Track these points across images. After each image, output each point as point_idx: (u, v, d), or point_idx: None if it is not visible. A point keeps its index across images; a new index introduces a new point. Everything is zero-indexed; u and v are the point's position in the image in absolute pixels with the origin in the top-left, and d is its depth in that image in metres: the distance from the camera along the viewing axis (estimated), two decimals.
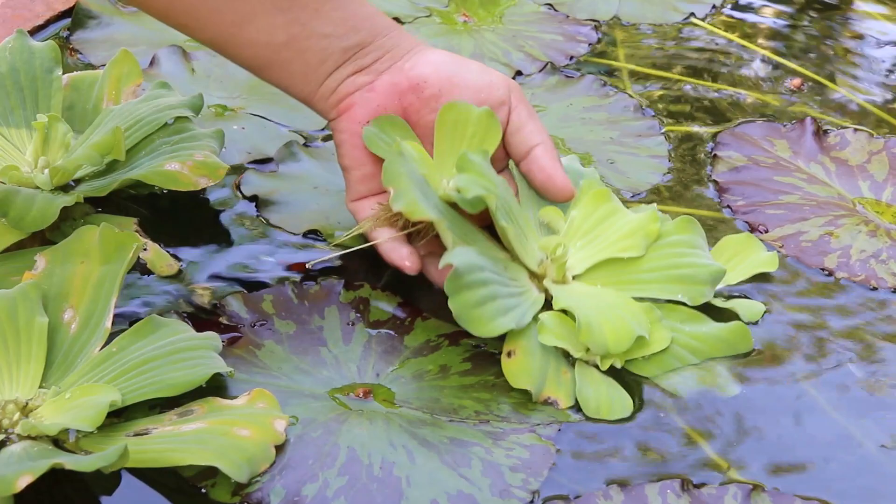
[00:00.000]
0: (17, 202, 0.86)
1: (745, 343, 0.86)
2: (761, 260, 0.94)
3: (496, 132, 0.88)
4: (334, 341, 0.84)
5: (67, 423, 0.71)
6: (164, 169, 0.90)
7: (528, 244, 0.87)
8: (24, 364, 0.76)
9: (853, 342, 0.89)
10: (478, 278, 0.79)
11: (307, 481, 0.73)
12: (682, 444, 0.79)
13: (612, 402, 0.81)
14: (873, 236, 0.99)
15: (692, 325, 0.86)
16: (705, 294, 0.87)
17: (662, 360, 0.85)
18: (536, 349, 0.82)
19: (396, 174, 0.83)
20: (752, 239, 0.95)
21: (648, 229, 0.89)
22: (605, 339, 0.82)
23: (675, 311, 0.87)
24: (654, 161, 1.07)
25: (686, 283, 0.87)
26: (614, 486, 0.75)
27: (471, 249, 0.81)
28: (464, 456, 0.75)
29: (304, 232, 0.94)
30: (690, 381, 0.84)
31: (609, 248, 0.89)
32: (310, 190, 0.98)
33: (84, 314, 0.79)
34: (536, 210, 0.90)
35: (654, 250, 0.89)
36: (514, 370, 0.81)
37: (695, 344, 0.86)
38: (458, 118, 0.87)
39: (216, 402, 0.76)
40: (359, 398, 0.80)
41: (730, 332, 0.86)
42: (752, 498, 0.74)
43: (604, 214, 0.90)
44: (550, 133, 1.08)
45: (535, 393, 0.80)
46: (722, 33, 1.28)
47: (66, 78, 0.98)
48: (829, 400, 0.84)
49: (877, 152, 1.10)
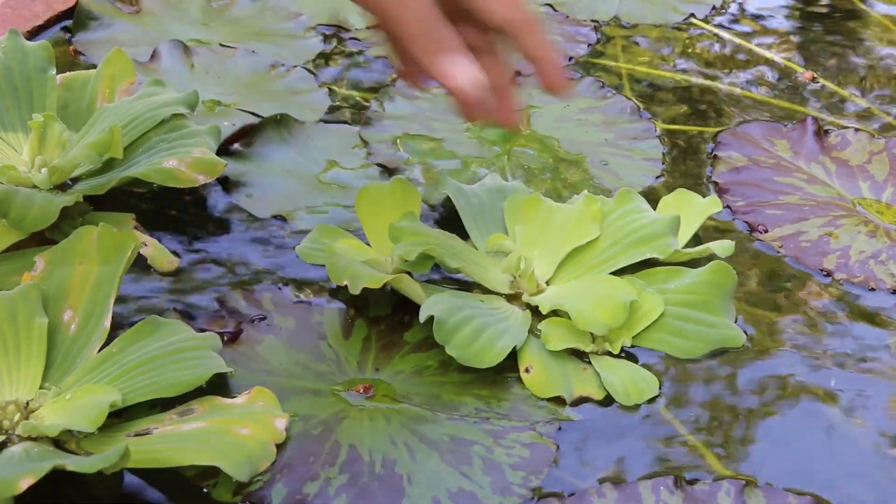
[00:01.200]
0: (17, 202, 0.86)
1: (729, 277, 0.88)
2: (704, 205, 0.95)
3: (413, 194, 0.91)
4: (334, 336, 0.84)
5: (68, 424, 0.71)
6: (162, 166, 0.90)
7: (490, 273, 0.88)
8: (25, 365, 0.76)
9: (849, 339, 0.89)
10: (460, 317, 0.81)
11: (308, 479, 0.73)
12: (675, 441, 0.79)
13: (638, 384, 0.82)
14: (873, 237, 0.99)
15: (675, 282, 0.88)
16: (670, 243, 0.89)
17: (665, 323, 0.86)
18: (549, 358, 0.83)
19: (340, 269, 0.84)
20: (685, 192, 0.97)
21: (592, 211, 0.91)
22: (600, 318, 0.83)
23: (654, 274, 0.89)
24: (647, 164, 1.07)
25: (648, 242, 0.89)
26: (608, 483, 0.75)
27: (443, 296, 0.83)
28: (464, 454, 0.75)
29: (270, 216, 0.95)
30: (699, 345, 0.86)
31: (565, 242, 0.91)
32: (280, 173, 0.99)
33: (83, 314, 0.79)
34: (483, 241, 0.91)
35: (606, 228, 0.91)
36: (537, 384, 0.81)
37: (686, 297, 0.87)
38: (373, 197, 0.91)
39: (216, 401, 0.76)
40: (359, 394, 0.80)
41: (711, 271, 0.88)
42: (745, 494, 0.75)
43: (544, 217, 0.92)
44: (545, 134, 1.09)
45: (567, 397, 0.81)
46: (722, 33, 1.28)
47: (59, 78, 0.98)
48: (823, 396, 0.84)
49: (878, 153, 1.10)
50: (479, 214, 0.93)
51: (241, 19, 1.21)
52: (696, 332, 0.86)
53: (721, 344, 0.86)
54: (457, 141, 1.07)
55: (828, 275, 0.95)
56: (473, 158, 1.05)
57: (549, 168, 1.05)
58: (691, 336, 0.86)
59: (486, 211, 0.93)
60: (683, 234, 0.92)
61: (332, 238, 0.90)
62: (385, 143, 1.06)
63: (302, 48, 1.19)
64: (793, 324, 0.90)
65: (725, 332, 0.86)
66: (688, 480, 0.75)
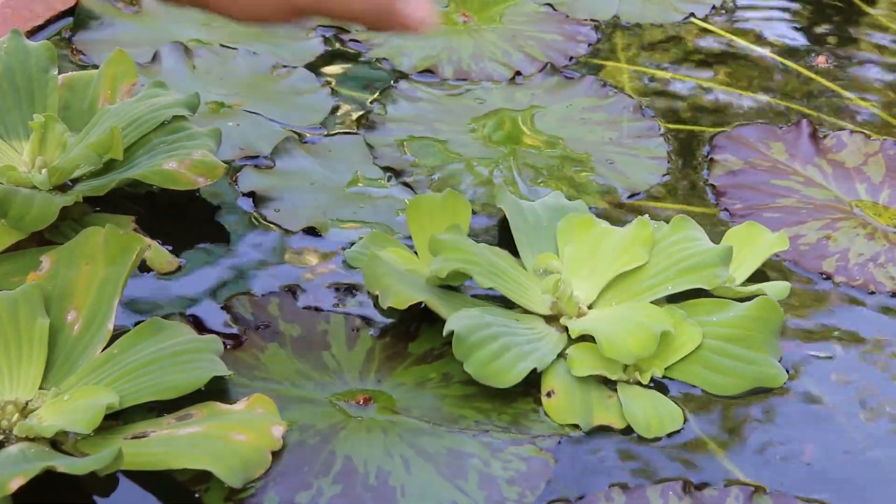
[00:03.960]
0: (16, 202, 0.86)
1: (776, 315, 0.84)
2: (770, 242, 0.92)
3: (464, 206, 0.90)
4: (338, 346, 0.84)
5: (64, 425, 0.71)
6: (163, 168, 0.90)
7: (531, 293, 0.87)
8: (25, 365, 0.76)
9: (855, 345, 0.89)
10: (484, 335, 0.80)
11: (301, 488, 0.73)
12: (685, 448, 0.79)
13: (660, 416, 0.80)
14: (871, 239, 0.99)
15: (719, 314, 0.85)
16: (719, 275, 0.86)
17: (702, 356, 0.83)
18: (574, 384, 0.81)
19: (376, 277, 0.84)
20: (755, 226, 0.94)
21: (643, 236, 0.89)
22: (628, 346, 0.81)
23: (699, 305, 0.86)
24: (653, 162, 1.07)
25: (697, 271, 0.87)
26: (616, 488, 0.75)
27: (470, 312, 0.81)
28: (461, 467, 0.75)
29: (301, 229, 0.94)
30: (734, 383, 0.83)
31: (612, 266, 0.88)
32: (307, 186, 0.99)
33: (87, 315, 0.79)
34: (532, 259, 0.90)
35: (657, 255, 0.88)
36: (556, 408, 0.80)
37: (727, 331, 0.84)
38: (424, 208, 0.90)
39: (215, 406, 0.76)
40: (359, 405, 0.79)
41: (758, 307, 0.84)
42: (754, 500, 0.75)
43: (595, 239, 0.90)
44: (549, 133, 1.09)
45: (584, 425, 0.79)
46: (722, 33, 1.28)
47: (61, 78, 0.98)
48: (833, 403, 0.83)
49: (873, 154, 1.09)
50: (534, 231, 0.91)
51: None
52: (734, 368, 0.83)
53: (759, 383, 0.83)
54: (462, 142, 1.07)
55: (827, 278, 0.95)
56: (479, 159, 1.05)
57: (555, 168, 1.05)
58: (728, 372, 0.83)
59: (542, 228, 0.92)
60: (745, 270, 0.90)
61: (382, 245, 0.89)
62: (390, 146, 1.05)
63: (303, 49, 1.18)
64: (795, 329, 0.90)
65: (765, 371, 0.83)
66: (696, 486, 0.75)
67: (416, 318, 0.86)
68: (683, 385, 0.83)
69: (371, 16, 0.72)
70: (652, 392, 0.82)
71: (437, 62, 1.17)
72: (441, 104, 1.12)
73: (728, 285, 0.88)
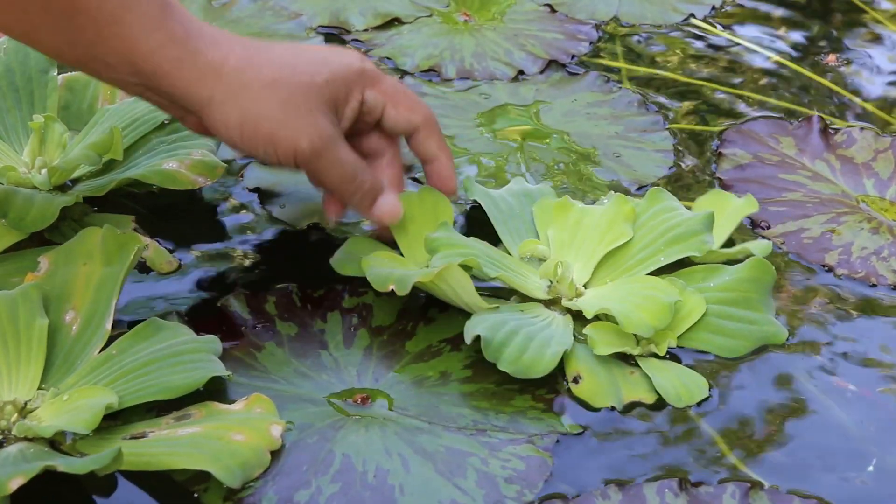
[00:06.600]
0: (16, 203, 0.86)
1: (768, 273, 0.87)
2: (739, 206, 0.94)
3: (443, 202, 0.90)
4: (335, 345, 0.84)
5: (63, 425, 0.71)
6: (163, 168, 0.90)
7: (528, 279, 0.87)
8: (24, 365, 0.76)
9: (854, 342, 0.89)
10: (506, 332, 0.81)
11: (300, 487, 0.72)
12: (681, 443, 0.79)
13: (688, 386, 0.81)
14: (875, 233, 0.99)
15: (715, 280, 0.87)
16: (706, 241, 0.88)
17: (708, 322, 0.85)
18: (597, 365, 0.82)
19: (384, 277, 0.84)
20: (720, 192, 0.97)
21: (625, 212, 0.90)
22: (646, 319, 0.82)
23: (693, 273, 0.88)
24: (659, 155, 1.07)
25: (685, 239, 0.88)
26: (612, 485, 0.75)
27: (484, 314, 0.82)
28: (459, 466, 0.75)
29: (306, 225, 0.94)
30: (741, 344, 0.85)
31: (600, 245, 0.90)
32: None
33: (85, 315, 0.79)
34: (515, 246, 0.90)
35: (640, 229, 0.90)
36: (588, 393, 0.81)
37: (726, 295, 0.86)
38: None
39: (214, 406, 0.76)
40: (357, 404, 0.79)
41: (751, 268, 0.87)
42: (751, 496, 0.74)
43: (575, 220, 0.91)
44: (555, 127, 1.09)
45: (618, 404, 0.80)
46: (722, 34, 1.28)
47: (61, 78, 0.98)
48: (829, 398, 0.83)
49: (883, 150, 1.09)
50: (510, 219, 0.92)
51: (242, 19, 1.21)
52: (739, 330, 0.85)
53: (764, 341, 0.86)
54: (469, 137, 1.07)
55: (829, 270, 0.95)
56: (487, 154, 1.05)
57: (563, 162, 1.05)
58: (735, 334, 0.85)
59: (516, 216, 0.93)
60: (719, 235, 0.91)
61: (365, 249, 0.89)
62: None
63: None
64: (795, 320, 0.90)
65: (768, 329, 0.86)
66: (693, 483, 0.75)
67: (413, 317, 0.86)
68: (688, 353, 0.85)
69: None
70: (673, 363, 0.84)
71: (439, 61, 1.17)
72: (446, 100, 1.12)
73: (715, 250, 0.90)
